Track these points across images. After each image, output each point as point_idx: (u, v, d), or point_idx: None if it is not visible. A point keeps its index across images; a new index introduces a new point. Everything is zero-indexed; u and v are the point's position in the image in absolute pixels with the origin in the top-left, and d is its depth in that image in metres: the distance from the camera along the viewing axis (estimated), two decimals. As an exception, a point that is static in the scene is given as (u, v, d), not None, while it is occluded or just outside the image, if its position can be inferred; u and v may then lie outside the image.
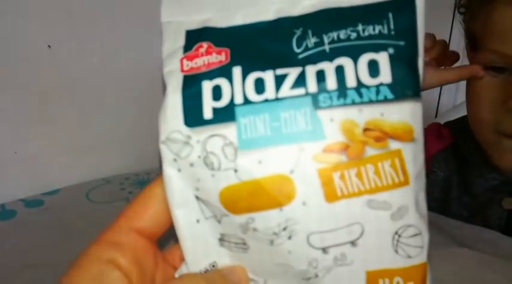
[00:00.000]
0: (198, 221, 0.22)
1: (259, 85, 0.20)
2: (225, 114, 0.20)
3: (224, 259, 0.22)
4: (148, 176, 0.63)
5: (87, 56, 0.60)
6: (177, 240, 0.23)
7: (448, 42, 0.53)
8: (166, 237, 0.25)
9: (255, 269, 0.22)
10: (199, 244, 0.22)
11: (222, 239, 0.22)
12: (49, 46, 0.56)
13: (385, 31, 0.20)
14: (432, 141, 0.59)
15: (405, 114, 0.20)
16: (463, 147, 0.56)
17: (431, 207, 0.54)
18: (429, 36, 0.54)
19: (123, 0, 0.61)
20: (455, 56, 0.56)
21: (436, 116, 1.22)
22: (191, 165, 0.21)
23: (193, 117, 0.21)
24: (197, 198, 0.22)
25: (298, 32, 0.21)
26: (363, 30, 0.20)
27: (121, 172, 0.64)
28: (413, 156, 0.20)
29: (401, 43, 0.20)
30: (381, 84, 0.19)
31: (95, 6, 0.59)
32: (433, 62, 0.53)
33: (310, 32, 0.20)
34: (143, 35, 0.63)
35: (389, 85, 0.19)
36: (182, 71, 0.22)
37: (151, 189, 0.23)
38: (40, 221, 0.53)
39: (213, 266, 0.22)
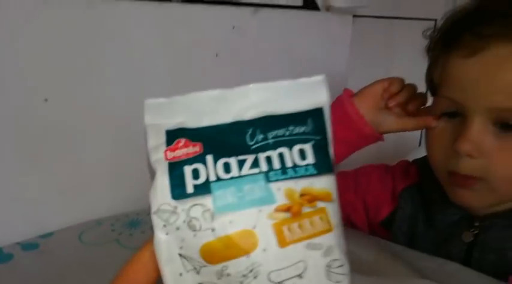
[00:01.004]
0: (181, 274, 0.28)
1: (227, 167, 0.28)
2: (203, 189, 0.28)
3: None
4: (138, 216, 0.68)
5: (80, 106, 0.65)
6: None
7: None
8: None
9: None
10: None
11: None
12: (46, 99, 0.61)
13: (308, 130, 0.30)
14: (400, 178, 0.64)
15: (325, 184, 0.29)
16: (427, 185, 0.60)
17: (400, 241, 0.59)
18: (397, 81, 0.59)
19: (111, 55, 0.67)
20: (422, 100, 0.60)
21: (419, 145, 1.28)
22: (177, 228, 0.27)
23: (178, 192, 0.27)
24: (180, 255, 0.27)
25: (250, 131, 0.29)
26: (293, 129, 0.29)
27: (112, 214, 0.68)
28: (333, 211, 0.29)
29: (318, 137, 0.29)
30: (308, 165, 0.29)
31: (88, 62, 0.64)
32: (398, 107, 0.59)
33: (258, 131, 0.29)
34: (134, 83, 0.68)
35: (313, 165, 0.29)
36: (166, 159, 0.28)
37: (141, 253, 0.28)
38: (35, 264, 0.56)
39: None
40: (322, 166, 0.29)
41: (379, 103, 0.58)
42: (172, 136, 0.29)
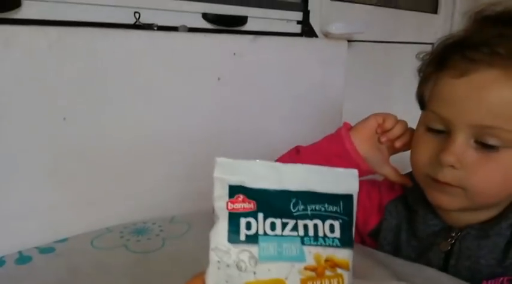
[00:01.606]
0: None
1: (273, 226, 0.35)
2: (253, 239, 0.34)
3: None
4: (144, 225, 0.74)
5: (96, 126, 0.72)
6: None
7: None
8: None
9: None
10: None
11: None
12: (64, 118, 0.69)
13: (339, 210, 0.37)
14: (385, 192, 0.68)
15: (345, 255, 0.36)
16: (410, 198, 0.64)
17: (386, 250, 0.64)
18: (391, 118, 0.63)
19: (125, 80, 0.74)
20: (410, 138, 0.63)
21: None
22: (227, 266, 0.34)
23: (233, 237, 0.34)
24: None
25: (294, 200, 0.36)
26: (328, 207, 0.37)
27: (121, 222, 0.74)
28: (348, 277, 0.35)
29: (346, 218, 0.37)
30: (335, 238, 0.36)
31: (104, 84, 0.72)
32: (388, 142, 0.63)
33: (300, 202, 0.37)
34: (143, 105, 0.76)
35: (338, 239, 0.36)
36: (227, 209, 0.36)
37: (193, 281, 0.35)
38: (52, 266, 0.63)
39: None
40: (345, 241, 0.36)
41: (373, 137, 0.63)
42: (233, 190, 0.36)
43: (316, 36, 1.09)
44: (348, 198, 0.37)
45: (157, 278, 0.59)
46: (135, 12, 0.78)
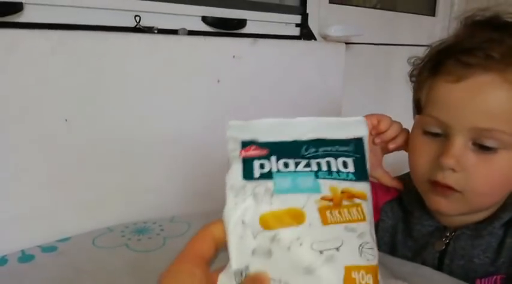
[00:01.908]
0: (241, 237, 0.35)
1: (286, 164, 0.37)
2: (267, 175, 0.36)
3: (254, 264, 0.35)
4: (145, 224, 0.75)
5: (98, 128, 0.74)
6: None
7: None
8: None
9: (274, 270, 0.35)
10: (241, 252, 0.35)
11: (254, 251, 0.34)
12: (66, 120, 0.70)
13: (350, 149, 0.38)
14: (381, 193, 0.69)
15: (361, 188, 0.37)
16: (406, 199, 0.65)
17: (381, 249, 0.65)
18: (386, 119, 0.63)
19: (127, 82, 0.76)
20: (404, 140, 0.64)
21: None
22: (244, 200, 0.36)
23: (248, 175, 0.36)
24: (243, 222, 0.36)
25: (305, 146, 0.38)
26: (339, 148, 0.38)
27: (122, 222, 0.75)
28: (367, 207, 0.36)
29: (358, 155, 0.38)
30: (349, 172, 0.37)
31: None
32: (382, 144, 0.64)
33: (311, 146, 0.38)
34: (144, 107, 0.77)
35: (353, 173, 0.37)
36: (241, 156, 0.37)
37: (205, 231, 0.36)
38: (54, 264, 0.64)
39: (246, 267, 0.35)
40: (361, 175, 0.37)
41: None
42: (246, 144, 0.38)
43: (314, 38, 1.11)
44: (358, 140, 0.39)
45: (157, 276, 0.60)
46: (136, 16, 0.79)
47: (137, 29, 0.79)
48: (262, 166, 0.37)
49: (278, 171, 0.37)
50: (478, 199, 0.55)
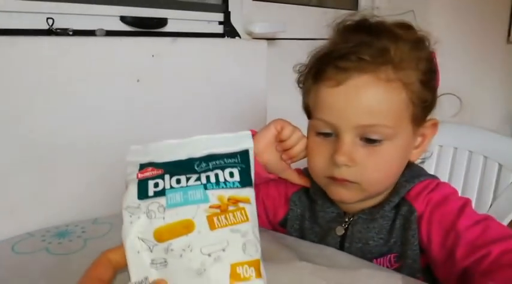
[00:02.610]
0: (138, 252, 0.40)
1: (178, 181, 0.42)
2: (160, 193, 0.41)
3: (152, 274, 0.39)
4: (67, 228, 0.75)
5: (13, 135, 0.73)
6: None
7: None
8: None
9: (171, 277, 0.39)
10: (139, 265, 0.39)
11: (152, 263, 0.39)
12: None
13: (236, 161, 0.44)
14: (290, 184, 0.72)
15: (246, 193, 0.43)
16: (311, 190, 0.70)
17: (293, 235, 0.70)
18: (288, 128, 0.65)
19: (41, 88, 0.75)
20: (301, 148, 0.67)
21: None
22: (138, 218, 0.40)
23: (142, 195, 0.41)
24: (139, 238, 0.40)
25: (197, 162, 0.44)
26: (227, 160, 0.44)
27: (43, 226, 0.75)
28: (250, 210, 0.42)
29: (243, 165, 0.44)
30: (235, 181, 0.43)
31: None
32: (283, 151, 0.67)
33: (203, 162, 0.44)
34: (60, 114, 0.77)
35: (239, 182, 0.43)
36: (137, 178, 0.43)
37: (101, 258, 0.41)
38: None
39: (146, 277, 0.39)
40: (245, 182, 0.43)
41: (272, 145, 0.67)
42: (144, 166, 0.43)
43: (238, 36, 1.14)
44: (244, 152, 0.45)
45: (75, 278, 0.61)
46: (48, 18, 0.78)
47: (50, 32, 0.79)
48: (156, 185, 0.42)
49: (171, 187, 0.42)
50: (373, 185, 0.61)
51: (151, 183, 0.42)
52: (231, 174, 0.43)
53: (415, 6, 1.56)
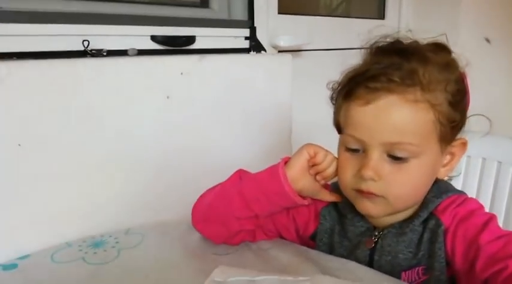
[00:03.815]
0: None
1: None
2: None
3: None
4: (102, 238, 0.80)
5: (50, 151, 0.78)
6: None
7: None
8: None
9: None
10: None
11: None
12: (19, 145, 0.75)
13: None
14: (317, 199, 0.76)
15: None
16: (340, 204, 0.72)
17: (321, 249, 0.72)
18: (321, 152, 0.68)
19: (77, 107, 0.80)
20: (334, 171, 0.69)
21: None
22: None
23: None
24: None
25: None
26: None
27: (80, 236, 0.80)
28: None
29: None
30: None
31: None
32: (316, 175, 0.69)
33: None
34: (96, 131, 0.82)
35: None
36: None
37: None
38: (15, 281, 0.68)
39: None
40: None
41: (306, 169, 0.69)
42: None
43: (264, 50, 1.17)
44: None
45: (110, 286, 0.65)
46: (84, 41, 0.83)
47: (86, 53, 0.84)
48: None
49: None
50: (399, 201, 0.63)
51: None
52: None
53: (445, 24, 1.55)
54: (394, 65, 0.59)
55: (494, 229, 0.59)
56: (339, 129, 0.66)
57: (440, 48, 0.63)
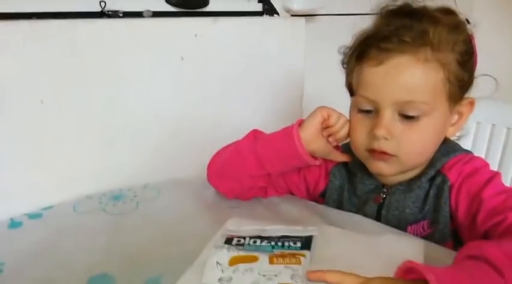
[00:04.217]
0: (213, 269, 0.54)
1: (254, 241, 0.60)
2: (239, 244, 0.59)
3: None
4: (120, 192, 0.84)
5: (73, 107, 0.82)
6: None
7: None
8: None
9: None
10: (211, 277, 0.53)
11: (220, 279, 0.52)
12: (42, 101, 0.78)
13: (302, 240, 0.60)
14: (329, 159, 0.78)
15: (303, 251, 0.57)
16: (350, 164, 0.74)
17: (330, 205, 0.76)
18: (335, 115, 0.69)
19: (100, 63, 0.83)
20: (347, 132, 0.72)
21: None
22: (221, 250, 0.57)
23: (227, 242, 0.60)
24: (217, 262, 0.54)
25: (272, 238, 0.60)
26: (294, 239, 0.60)
27: (99, 190, 0.84)
28: (303, 259, 0.55)
29: (306, 242, 0.59)
30: (297, 246, 0.58)
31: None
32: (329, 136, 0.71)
33: (276, 238, 0.60)
34: (115, 85, 0.84)
35: (300, 247, 0.58)
36: (227, 236, 0.62)
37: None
38: (40, 230, 0.73)
39: None
40: (304, 247, 0.58)
41: (319, 131, 0.71)
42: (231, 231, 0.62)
43: (277, 13, 1.17)
44: (308, 237, 0.60)
45: (130, 235, 0.70)
46: (101, 1, 0.85)
47: (103, 14, 0.86)
48: (239, 241, 0.58)
49: (248, 244, 0.57)
50: (411, 159, 0.65)
51: (235, 240, 0.58)
52: (295, 242, 0.58)
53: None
54: (405, 26, 0.61)
55: (497, 184, 0.62)
56: (351, 91, 0.68)
57: (449, 12, 0.64)
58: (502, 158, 1.03)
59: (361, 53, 0.64)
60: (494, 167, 1.03)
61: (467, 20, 0.65)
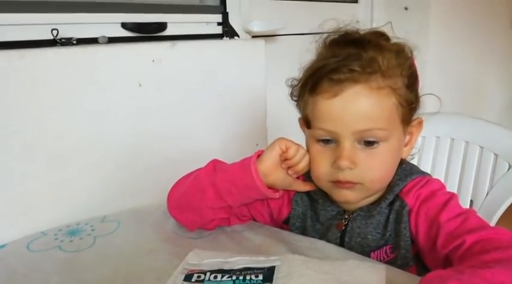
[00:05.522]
0: None
1: (215, 277, 0.59)
2: (200, 281, 0.58)
3: None
4: (77, 226, 0.80)
5: (25, 139, 0.78)
6: None
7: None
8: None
9: None
10: None
11: None
12: None
13: (264, 271, 0.59)
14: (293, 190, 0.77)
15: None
16: (312, 191, 0.74)
17: (294, 232, 0.75)
18: (293, 147, 0.69)
19: (47, 96, 0.80)
20: (305, 165, 0.71)
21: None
22: None
23: (187, 279, 0.58)
24: None
25: (234, 271, 0.60)
26: (256, 271, 0.59)
27: (55, 225, 0.80)
28: None
29: (268, 273, 0.59)
30: (258, 280, 0.58)
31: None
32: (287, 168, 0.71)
33: (238, 271, 0.60)
34: (66, 120, 0.81)
35: (261, 280, 0.57)
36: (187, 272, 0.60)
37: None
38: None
39: None
40: (266, 279, 0.57)
41: (278, 163, 0.71)
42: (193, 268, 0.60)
43: (237, 35, 1.17)
44: (271, 267, 0.60)
45: (86, 273, 0.66)
46: (53, 29, 0.83)
47: (55, 42, 0.83)
48: (199, 277, 0.57)
49: (209, 279, 0.57)
50: (375, 185, 0.66)
51: (195, 276, 0.58)
52: (257, 275, 0.57)
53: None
54: (352, 55, 0.61)
55: (453, 207, 0.63)
56: (308, 123, 0.68)
57: (384, 36, 0.66)
58: (462, 171, 1.06)
59: (314, 86, 0.63)
60: (454, 180, 1.06)
61: (406, 44, 0.66)
